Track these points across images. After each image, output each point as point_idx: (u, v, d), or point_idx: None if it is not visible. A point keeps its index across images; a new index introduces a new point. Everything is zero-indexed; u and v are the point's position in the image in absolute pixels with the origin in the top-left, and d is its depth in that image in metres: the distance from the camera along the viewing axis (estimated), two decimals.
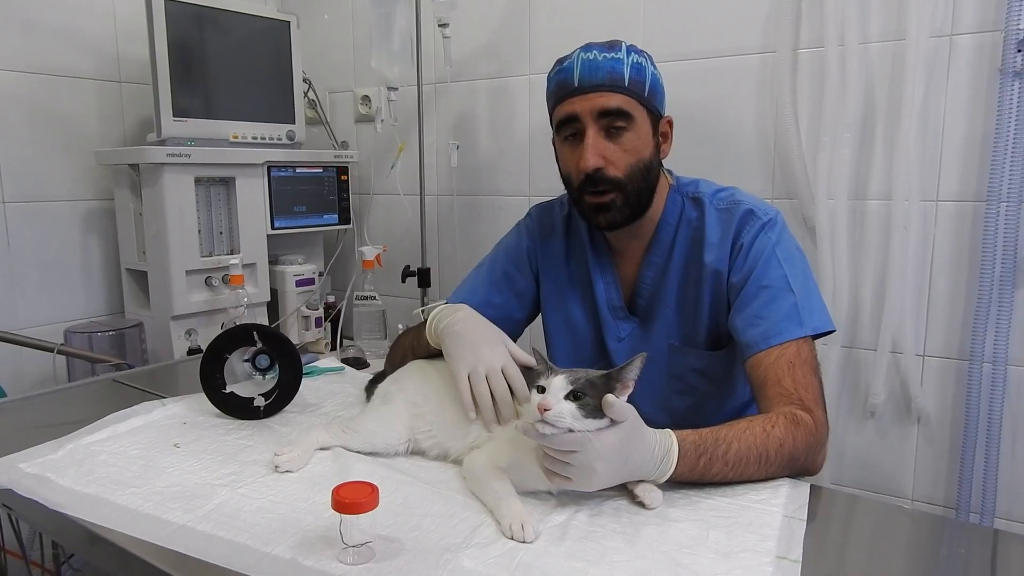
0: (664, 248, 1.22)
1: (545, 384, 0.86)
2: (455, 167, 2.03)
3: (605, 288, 1.27)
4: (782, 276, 1.11)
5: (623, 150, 1.13)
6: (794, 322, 1.08)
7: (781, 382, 1.04)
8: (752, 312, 1.11)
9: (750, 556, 0.79)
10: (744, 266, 1.14)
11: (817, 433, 1.00)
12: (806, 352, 1.07)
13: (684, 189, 1.24)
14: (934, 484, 1.59)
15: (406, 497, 0.91)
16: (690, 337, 1.21)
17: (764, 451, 0.95)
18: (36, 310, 1.92)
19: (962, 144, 1.48)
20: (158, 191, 1.79)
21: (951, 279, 1.52)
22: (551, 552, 0.79)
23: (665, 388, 1.25)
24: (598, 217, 1.17)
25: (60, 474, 0.95)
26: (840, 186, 1.56)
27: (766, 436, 0.95)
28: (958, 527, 1.17)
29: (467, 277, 1.38)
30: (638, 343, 1.24)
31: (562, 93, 1.15)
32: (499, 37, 2.01)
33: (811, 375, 1.05)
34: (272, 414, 1.18)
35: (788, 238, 1.16)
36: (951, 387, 1.55)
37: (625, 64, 1.12)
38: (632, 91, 1.12)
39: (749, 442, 0.94)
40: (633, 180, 1.14)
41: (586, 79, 1.12)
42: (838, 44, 1.53)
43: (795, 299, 1.09)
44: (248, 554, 0.78)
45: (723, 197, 1.20)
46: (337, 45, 2.33)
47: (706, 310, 1.19)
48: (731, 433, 0.94)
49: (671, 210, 1.22)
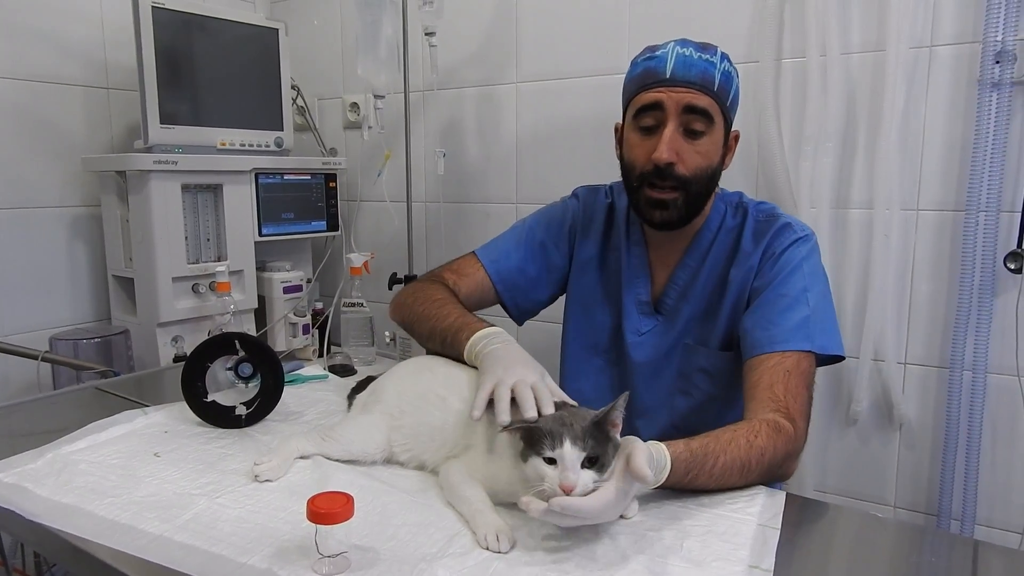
0: (701, 252, 1.23)
1: (555, 456, 0.82)
2: (442, 175, 2.03)
3: (635, 283, 1.27)
4: (802, 289, 1.13)
5: (697, 151, 1.13)
6: (802, 335, 1.10)
7: (774, 387, 1.05)
8: (765, 316, 1.13)
9: (723, 565, 0.80)
10: (770, 272, 1.15)
11: (796, 443, 1.02)
12: (805, 365, 1.09)
13: (728, 198, 1.26)
14: (915, 490, 1.60)
15: (384, 506, 0.91)
16: (705, 338, 1.23)
17: (747, 462, 0.96)
18: (22, 316, 1.91)
19: (941, 153, 1.49)
20: (145, 198, 1.79)
21: (931, 287, 1.54)
22: (525, 561, 0.80)
23: (671, 386, 1.26)
24: (654, 212, 1.17)
25: (38, 484, 0.95)
26: (822, 195, 1.57)
27: (749, 447, 0.97)
28: (937, 537, 1.18)
29: (502, 236, 1.37)
30: (658, 340, 1.26)
31: (650, 80, 1.14)
32: (486, 45, 2.02)
33: (803, 388, 1.07)
34: (254, 423, 1.18)
35: (818, 258, 1.18)
36: (932, 394, 1.56)
37: (717, 69, 1.13)
38: (718, 97, 1.13)
39: (734, 455, 0.96)
40: (698, 183, 1.15)
41: (679, 73, 1.12)
42: (820, 54, 1.54)
43: (808, 313, 1.11)
44: (224, 564, 0.78)
45: (764, 209, 1.23)
46: (325, 52, 2.33)
47: (726, 313, 1.20)
48: (718, 447, 0.95)
49: (714, 217, 1.24)
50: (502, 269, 1.33)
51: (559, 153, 1.94)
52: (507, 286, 1.33)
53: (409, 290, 1.32)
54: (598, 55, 1.84)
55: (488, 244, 1.37)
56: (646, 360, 1.27)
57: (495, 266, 1.33)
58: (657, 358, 1.26)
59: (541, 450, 0.83)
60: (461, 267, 1.33)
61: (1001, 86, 1.40)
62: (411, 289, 1.32)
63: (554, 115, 1.94)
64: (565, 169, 1.91)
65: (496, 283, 1.32)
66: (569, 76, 1.90)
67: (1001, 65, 1.39)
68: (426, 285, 1.30)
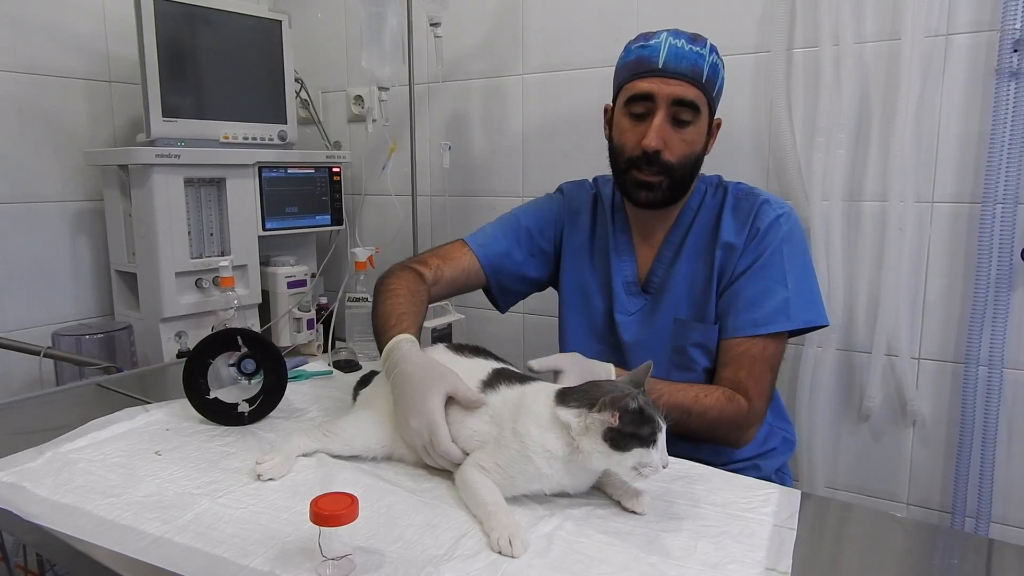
0: (683, 229, 1.30)
1: (657, 439, 0.83)
2: (447, 168, 2.01)
3: (622, 265, 1.34)
4: (782, 271, 1.20)
5: (683, 140, 1.20)
6: (783, 317, 1.19)
7: (738, 372, 1.19)
8: (742, 299, 1.21)
9: (739, 568, 0.78)
10: (755, 251, 1.22)
11: (748, 415, 1.17)
12: (771, 349, 1.20)
13: (708, 180, 1.32)
14: (929, 488, 1.57)
15: (390, 507, 0.89)
16: (697, 312, 1.27)
17: (692, 407, 1.13)
18: (24, 312, 1.90)
19: (958, 145, 1.46)
20: (147, 192, 1.77)
21: (947, 281, 1.51)
22: (535, 564, 0.78)
23: (667, 363, 1.29)
24: (640, 193, 1.24)
25: (37, 483, 0.93)
26: (835, 187, 1.54)
27: (695, 400, 1.14)
28: (953, 537, 1.16)
29: (489, 224, 1.42)
30: (646, 317, 1.32)
31: (642, 69, 1.19)
32: (492, 36, 1.99)
33: (767, 371, 1.19)
34: (257, 420, 1.16)
35: (798, 232, 1.25)
36: (947, 390, 1.53)
37: (706, 61, 1.19)
38: (705, 88, 1.20)
39: (681, 398, 1.13)
40: (682, 169, 1.22)
41: (671, 64, 1.17)
42: (833, 44, 1.51)
43: (787, 295, 1.19)
44: (225, 567, 0.76)
45: (744, 189, 1.29)
46: (330, 44, 2.31)
47: (715, 284, 1.25)
48: (670, 387, 1.14)
49: (694, 196, 1.31)
50: (490, 253, 1.37)
51: (566, 146, 1.91)
52: (494, 269, 1.38)
53: (383, 277, 1.29)
54: (606, 46, 1.80)
55: (477, 232, 1.42)
56: (637, 339, 1.32)
57: (483, 250, 1.37)
58: (647, 336, 1.31)
59: (649, 436, 0.83)
60: (448, 252, 1.37)
61: (1019, 75, 1.36)
62: (384, 276, 1.29)
63: (561, 107, 1.91)
64: (572, 162, 1.88)
65: (484, 266, 1.37)
66: (576, 67, 1.87)
67: (1019, 54, 1.36)
68: (397, 273, 1.28)
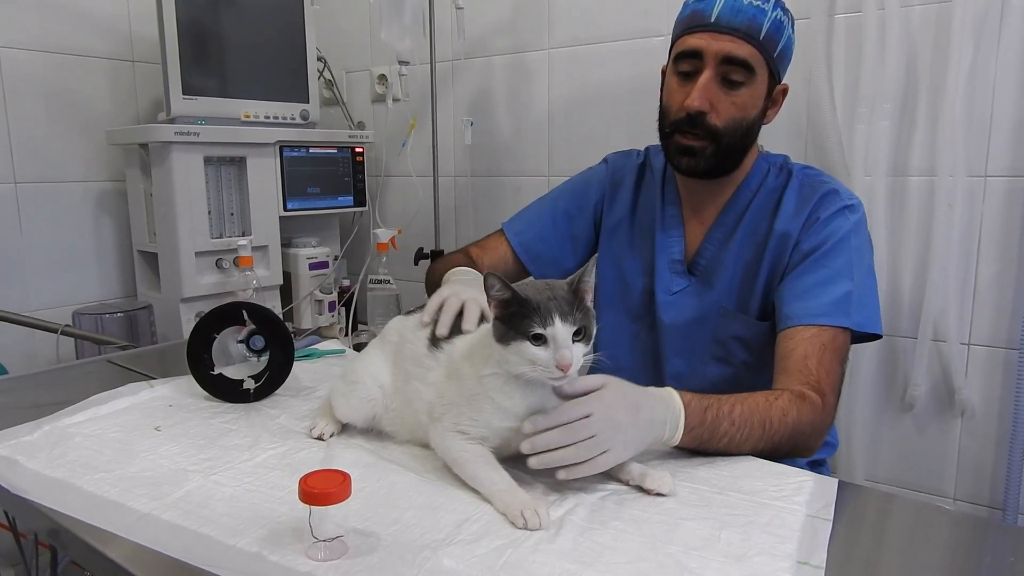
0: (739, 210, 1.19)
1: (548, 334, 0.77)
2: (469, 145, 1.96)
3: (668, 241, 1.24)
4: (847, 262, 1.08)
5: (732, 102, 1.09)
6: (841, 311, 1.05)
7: (807, 361, 1.02)
8: (805, 286, 1.08)
9: (766, 560, 0.71)
10: (815, 238, 1.10)
11: (823, 414, 1.00)
12: (840, 341, 1.05)
13: (772, 159, 1.21)
14: (978, 482, 1.48)
15: (390, 487, 0.84)
16: (743, 304, 1.18)
17: (767, 417, 0.94)
18: (48, 292, 1.90)
19: (1013, 114, 1.37)
20: (167, 171, 1.75)
21: (999, 262, 1.41)
22: (542, 550, 0.72)
23: (706, 352, 1.21)
24: (681, 159, 1.14)
25: (30, 457, 0.90)
26: (879, 161, 1.45)
27: (769, 405, 0.95)
28: (1005, 531, 1.08)
29: (528, 207, 1.38)
30: (690, 299, 1.22)
31: (693, 24, 1.09)
32: (517, 9, 1.92)
33: (837, 364, 1.04)
34: (263, 397, 1.12)
35: (864, 229, 1.13)
36: (998, 378, 1.44)
37: (768, 17, 1.07)
38: (764, 47, 1.08)
39: (752, 406, 0.94)
40: (730, 135, 1.10)
41: (724, 18, 1.07)
42: (877, 8, 1.42)
43: (851, 288, 1.06)
44: (211, 546, 0.71)
45: (811, 174, 1.17)
46: (353, 23, 2.26)
47: (764, 276, 1.15)
48: (732, 398, 0.94)
49: (755, 176, 1.19)
50: (526, 240, 1.33)
51: (594, 123, 1.84)
52: (531, 256, 1.33)
53: (436, 263, 1.35)
54: (636, 17, 1.73)
55: (514, 216, 1.38)
56: (677, 322, 1.22)
57: (519, 238, 1.33)
58: (689, 321, 1.21)
59: (528, 329, 0.77)
60: (487, 242, 1.36)
61: None
62: (438, 262, 1.35)
63: (589, 82, 1.84)
64: (600, 139, 1.81)
65: (520, 254, 1.33)
66: (605, 40, 1.79)
67: None
68: (450, 255, 1.34)
